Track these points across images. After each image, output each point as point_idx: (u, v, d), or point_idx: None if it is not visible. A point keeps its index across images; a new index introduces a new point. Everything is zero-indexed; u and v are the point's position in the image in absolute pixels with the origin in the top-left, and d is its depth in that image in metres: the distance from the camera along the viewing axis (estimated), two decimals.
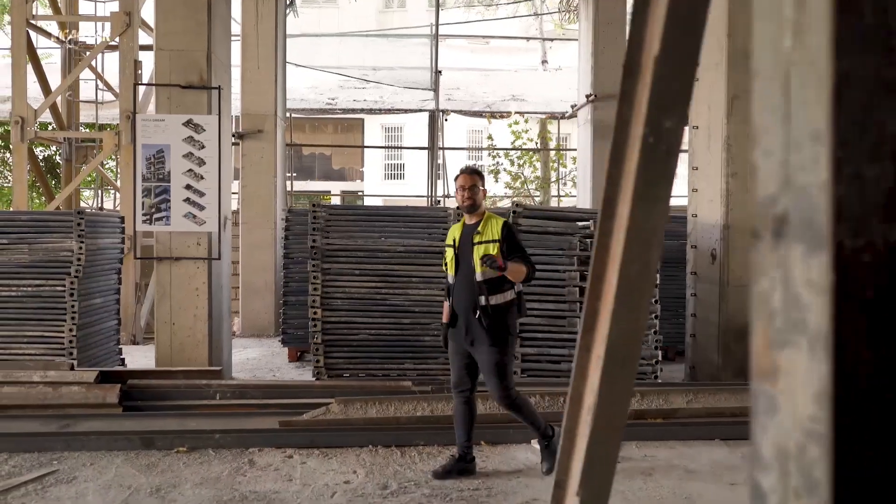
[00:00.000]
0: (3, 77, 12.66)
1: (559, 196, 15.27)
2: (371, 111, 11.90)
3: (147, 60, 10.37)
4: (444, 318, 4.32)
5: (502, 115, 12.32)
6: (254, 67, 9.87)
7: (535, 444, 4.97)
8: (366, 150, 24.81)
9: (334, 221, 6.13)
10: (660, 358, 6.26)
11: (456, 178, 4.25)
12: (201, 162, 6.32)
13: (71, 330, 6.18)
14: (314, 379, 6.84)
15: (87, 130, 12.58)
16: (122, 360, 7.01)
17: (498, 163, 14.54)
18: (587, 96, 10.30)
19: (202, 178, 6.32)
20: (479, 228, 4.13)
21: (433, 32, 12.02)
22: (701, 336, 6.87)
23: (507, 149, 14.23)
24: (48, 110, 10.07)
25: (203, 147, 6.31)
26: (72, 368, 5.24)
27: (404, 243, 6.20)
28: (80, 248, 6.20)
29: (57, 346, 6.20)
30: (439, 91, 11.70)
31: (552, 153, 15.33)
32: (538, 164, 15.59)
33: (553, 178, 15.31)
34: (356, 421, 5.03)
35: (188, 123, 6.31)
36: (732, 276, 6.56)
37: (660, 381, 6.35)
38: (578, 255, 6.24)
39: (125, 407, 5.15)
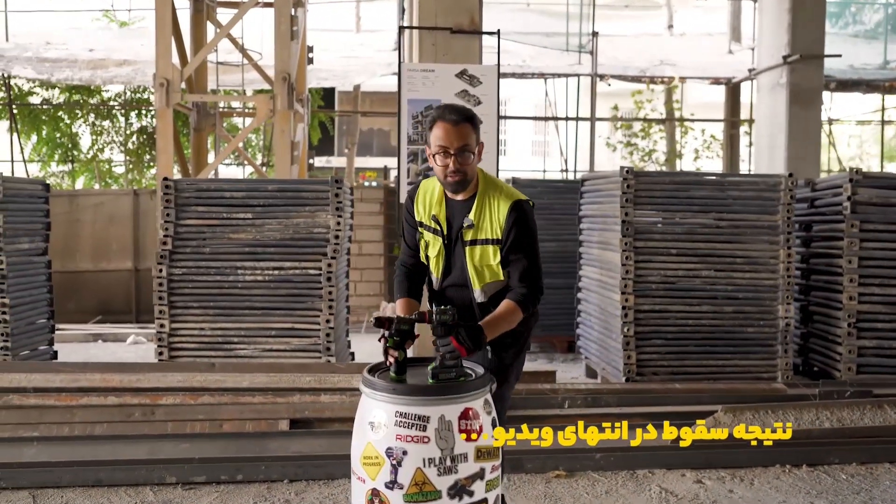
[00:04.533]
0: (111, 41, 11.58)
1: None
2: (522, 76, 10.86)
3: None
4: (400, 311, 2.61)
5: (663, 80, 11.30)
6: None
7: None
8: None
9: (645, 191, 5.12)
10: None
11: (431, 127, 2.46)
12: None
13: (328, 321, 5.18)
14: (589, 377, 5.92)
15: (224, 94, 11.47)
16: (352, 354, 6.02)
17: (629, 136, 13.50)
18: (784, 57, 9.25)
19: None
20: (473, 215, 2.47)
21: None
22: None
23: (677, 119, 13.15)
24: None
25: (479, 103, 5.29)
26: None
27: (727, 217, 5.19)
28: (339, 223, 5.18)
29: (311, 341, 5.20)
30: (596, 54, 10.63)
31: (676, 124, 14.29)
32: (657, 138, 14.54)
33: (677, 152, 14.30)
34: (758, 435, 4.06)
35: (462, 75, 5.27)
36: None
37: None
38: None
39: None
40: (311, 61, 10.39)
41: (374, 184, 14.36)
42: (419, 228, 2.63)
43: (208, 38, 9.54)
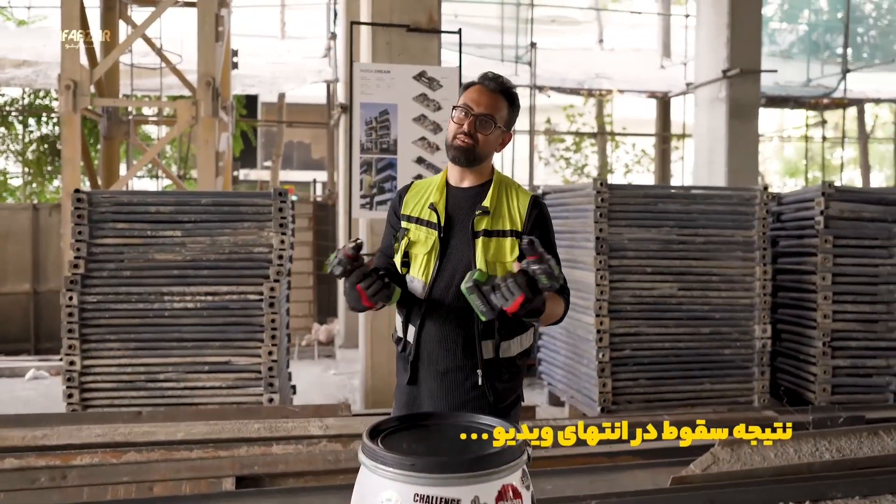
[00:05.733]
0: (8, 40, 10.45)
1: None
2: (460, 86, 10.49)
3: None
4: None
5: (601, 92, 11.15)
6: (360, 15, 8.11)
7: None
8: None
9: (618, 206, 4.76)
10: None
11: (466, 89, 2.05)
12: (437, 128, 4.81)
13: (270, 353, 4.54)
14: (595, 409, 5.50)
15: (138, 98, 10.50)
16: (293, 387, 5.37)
17: (561, 150, 13.35)
18: (723, 71, 9.24)
19: (438, 148, 4.82)
20: (489, 202, 2.04)
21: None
22: None
23: (619, 133, 13.04)
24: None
25: (439, 108, 4.82)
26: (351, 412, 3.69)
27: (702, 233, 4.90)
28: (283, 242, 4.57)
29: (251, 375, 4.55)
30: (535, 66, 10.39)
31: (608, 139, 14.28)
32: (588, 152, 14.51)
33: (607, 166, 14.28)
34: (760, 472, 3.73)
35: (420, 77, 4.79)
36: None
37: None
38: None
39: None
40: (235, 66, 9.67)
41: (294, 198, 13.66)
42: (405, 224, 2.12)
43: (122, 39, 8.70)
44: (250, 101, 13.19)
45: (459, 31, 4.97)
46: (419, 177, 4.80)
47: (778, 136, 17.54)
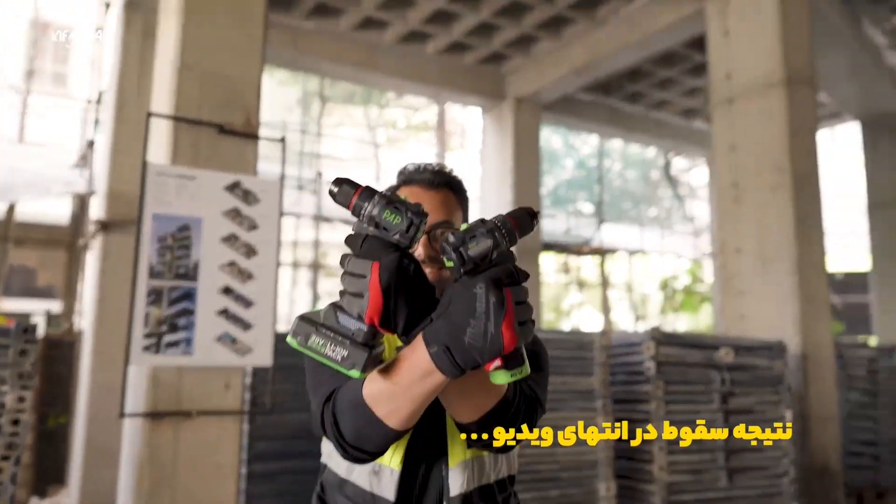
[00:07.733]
0: None
1: None
2: None
3: None
4: None
5: None
6: (134, 120, 6.81)
7: None
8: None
9: None
10: None
11: (400, 186, 1.51)
12: (251, 251, 3.90)
13: None
14: None
15: None
16: None
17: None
18: None
19: (251, 276, 3.89)
20: None
21: None
22: None
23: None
24: None
25: (255, 227, 3.93)
26: None
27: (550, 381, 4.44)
28: (22, 399, 3.18)
29: None
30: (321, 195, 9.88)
31: None
32: None
33: None
34: None
35: (234, 188, 3.90)
36: (814, 410, 6.05)
37: None
38: (719, 391, 5.13)
39: None
40: None
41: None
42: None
43: None
44: None
45: (283, 140, 4.22)
46: (225, 312, 3.79)
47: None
